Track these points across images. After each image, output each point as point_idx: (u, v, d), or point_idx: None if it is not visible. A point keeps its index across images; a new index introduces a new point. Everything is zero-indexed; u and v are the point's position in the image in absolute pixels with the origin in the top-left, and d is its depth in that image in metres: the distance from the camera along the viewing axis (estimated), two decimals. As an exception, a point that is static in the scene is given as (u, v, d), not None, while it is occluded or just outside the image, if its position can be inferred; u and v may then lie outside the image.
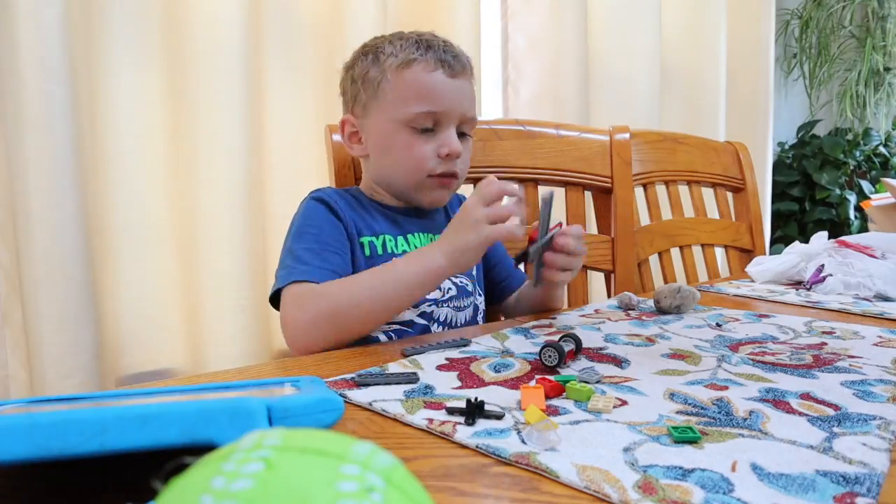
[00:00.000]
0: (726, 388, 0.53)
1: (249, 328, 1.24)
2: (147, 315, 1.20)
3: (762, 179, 2.19)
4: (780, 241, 2.53)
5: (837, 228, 2.49)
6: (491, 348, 0.66)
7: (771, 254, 1.30)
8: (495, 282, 0.97)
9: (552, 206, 0.76)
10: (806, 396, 0.50)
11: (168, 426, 0.32)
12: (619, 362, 0.61)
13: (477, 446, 0.41)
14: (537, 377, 0.54)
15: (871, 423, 0.44)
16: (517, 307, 0.96)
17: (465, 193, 1.05)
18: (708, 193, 1.45)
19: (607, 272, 1.20)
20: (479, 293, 0.93)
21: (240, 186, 1.21)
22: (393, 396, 0.50)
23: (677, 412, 0.47)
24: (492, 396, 0.50)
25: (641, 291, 1.21)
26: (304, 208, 0.85)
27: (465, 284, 0.88)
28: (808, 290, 1.03)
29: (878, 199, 1.42)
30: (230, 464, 0.20)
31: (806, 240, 1.20)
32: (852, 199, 2.51)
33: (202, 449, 0.25)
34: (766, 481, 0.36)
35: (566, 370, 0.58)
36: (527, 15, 1.71)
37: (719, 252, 1.48)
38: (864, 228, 2.30)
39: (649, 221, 1.32)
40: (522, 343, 0.69)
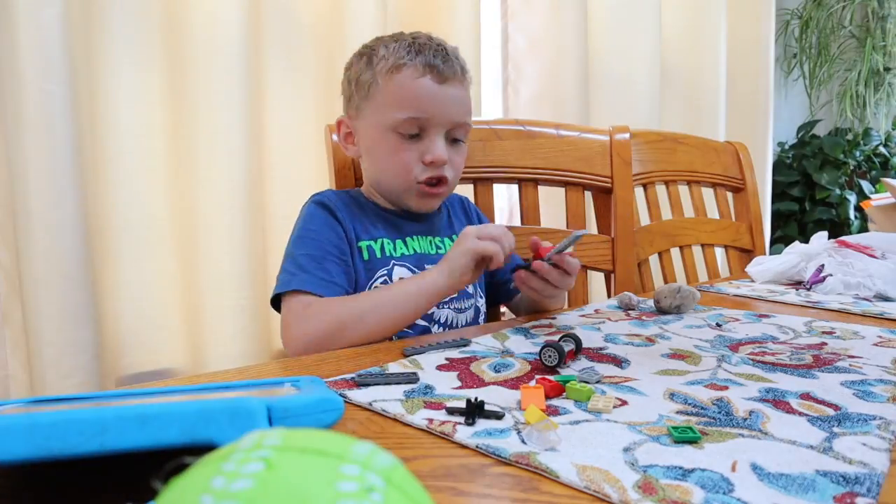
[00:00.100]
0: (726, 388, 0.53)
1: (249, 328, 1.24)
2: (147, 315, 1.21)
3: (762, 179, 2.19)
4: (780, 241, 2.53)
5: (837, 228, 2.49)
6: (491, 348, 0.66)
7: (771, 254, 1.30)
8: (501, 282, 0.98)
9: (574, 242, 0.76)
10: (806, 396, 0.50)
11: (168, 426, 0.32)
12: (619, 362, 0.61)
13: (477, 446, 0.41)
14: (537, 377, 0.54)
15: (871, 423, 0.44)
16: (521, 306, 0.98)
17: (464, 194, 1.05)
18: (708, 193, 1.45)
19: (607, 272, 1.20)
20: (481, 296, 0.93)
21: (240, 186, 1.21)
22: (393, 396, 0.51)
23: (677, 412, 0.47)
24: (492, 396, 0.50)
25: (641, 291, 1.21)
26: (306, 212, 0.85)
27: (466, 287, 0.88)
28: (808, 290, 1.03)
29: (878, 199, 1.42)
30: (230, 464, 0.20)
31: (806, 240, 1.20)
32: (852, 199, 2.51)
33: (202, 449, 0.25)
34: (766, 481, 0.36)
35: (566, 370, 0.58)
36: (527, 15, 1.71)
37: (719, 252, 1.48)
38: (864, 228, 2.30)
39: (649, 221, 1.32)
40: (522, 343, 0.69)
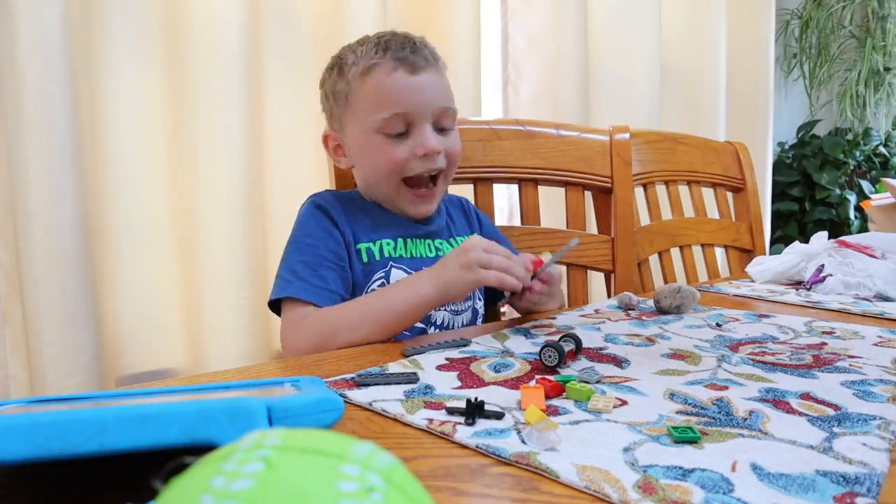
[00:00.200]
0: (726, 388, 0.53)
1: (249, 328, 1.24)
2: (147, 315, 1.20)
3: (762, 179, 2.19)
4: (780, 241, 2.53)
5: (837, 228, 2.49)
6: (491, 348, 0.66)
7: (771, 254, 1.30)
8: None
9: (564, 252, 0.76)
10: (806, 396, 0.50)
11: (168, 426, 0.32)
12: (619, 362, 0.61)
13: (477, 446, 0.41)
14: (537, 377, 0.54)
15: (871, 423, 0.44)
16: (524, 307, 0.95)
17: (464, 194, 1.05)
18: (708, 193, 1.45)
19: (607, 272, 1.20)
20: (480, 298, 0.92)
21: (240, 186, 1.21)
22: (393, 396, 0.51)
23: (677, 412, 0.47)
24: (492, 396, 0.50)
25: (641, 291, 1.21)
26: (303, 215, 0.85)
27: None
28: (808, 290, 1.03)
29: (878, 199, 1.42)
30: (230, 464, 0.20)
31: (806, 240, 1.20)
32: (852, 199, 2.51)
33: (202, 449, 0.25)
34: (766, 481, 0.36)
35: (566, 370, 0.58)
36: (527, 15, 1.71)
37: (719, 252, 1.48)
38: (864, 228, 2.30)
39: (649, 221, 1.32)
40: (522, 343, 0.69)
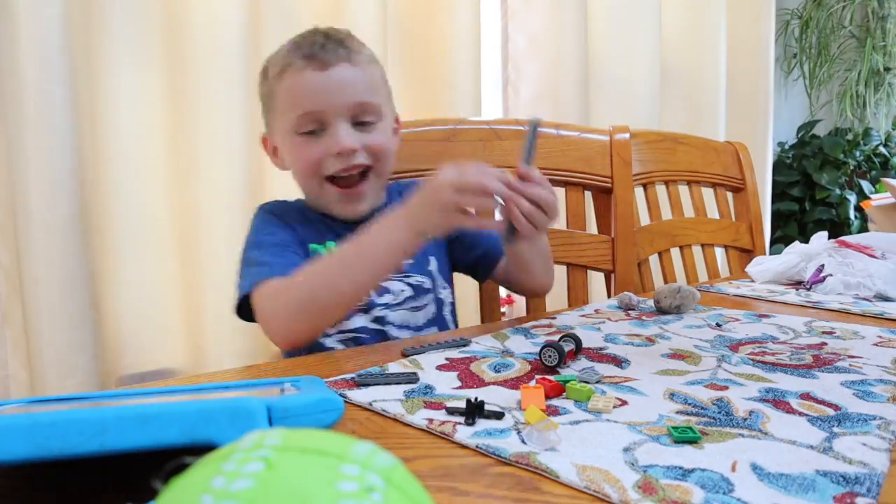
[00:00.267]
0: (726, 388, 0.53)
1: (249, 328, 1.22)
2: (147, 315, 1.20)
3: (762, 179, 2.19)
4: (780, 241, 2.53)
5: (837, 228, 2.49)
6: (491, 348, 0.66)
7: (771, 254, 1.29)
8: (478, 256, 0.92)
9: (536, 135, 0.69)
10: (806, 396, 0.50)
11: (168, 426, 0.33)
12: (619, 362, 0.61)
13: (477, 446, 0.41)
14: (537, 377, 0.54)
15: (871, 423, 0.44)
16: (511, 272, 0.90)
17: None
18: (708, 193, 1.45)
19: (607, 272, 1.20)
20: (444, 286, 0.89)
21: (240, 186, 1.21)
22: (393, 396, 0.51)
23: (677, 412, 0.47)
24: (492, 396, 0.50)
25: (641, 291, 1.21)
26: (258, 220, 0.84)
27: (422, 282, 0.85)
28: (808, 290, 1.03)
29: (878, 199, 1.42)
30: (230, 464, 0.20)
31: (806, 240, 1.20)
32: (852, 199, 2.51)
33: (202, 449, 0.25)
34: (766, 481, 0.36)
35: (566, 370, 0.58)
36: (527, 15, 1.71)
37: (719, 252, 1.48)
38: (864, 228, 2.30)
39: (649, 221, 1.32)
40: (522, 343, 0.69)
